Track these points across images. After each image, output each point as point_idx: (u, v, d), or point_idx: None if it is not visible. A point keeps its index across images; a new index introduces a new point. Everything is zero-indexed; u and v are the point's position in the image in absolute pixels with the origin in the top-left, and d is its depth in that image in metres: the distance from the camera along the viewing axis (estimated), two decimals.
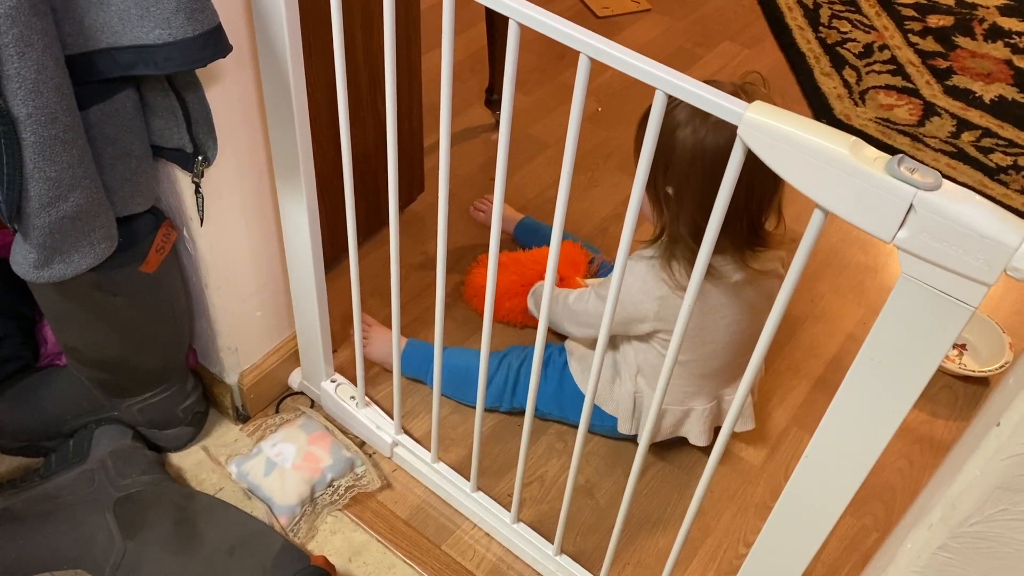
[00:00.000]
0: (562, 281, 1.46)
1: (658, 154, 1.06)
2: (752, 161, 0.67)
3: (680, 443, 1.35)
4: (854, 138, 0.62)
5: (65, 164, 0.87)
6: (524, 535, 1.22)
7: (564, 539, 1.17)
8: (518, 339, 1.49)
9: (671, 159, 1.08)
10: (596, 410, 1.30)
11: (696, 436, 1.30)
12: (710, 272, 1.14)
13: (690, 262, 1.14)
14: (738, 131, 0.66)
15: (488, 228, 1.62)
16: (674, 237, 1.14)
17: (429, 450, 1.28)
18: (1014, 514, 0.59)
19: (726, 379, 1.28)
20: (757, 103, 0.65)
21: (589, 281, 1.46)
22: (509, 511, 1.22)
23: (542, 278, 1.46)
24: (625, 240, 0.83)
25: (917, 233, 0.60)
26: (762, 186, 1.09)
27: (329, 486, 1.27)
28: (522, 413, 1.23)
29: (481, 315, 1.52)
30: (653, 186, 1.12)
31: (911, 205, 0.59)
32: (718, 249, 1.12)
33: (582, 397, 1.05)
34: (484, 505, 1.24)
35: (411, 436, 1.33)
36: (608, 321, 0.91)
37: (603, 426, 1.33)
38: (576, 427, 1.06)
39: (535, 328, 1.41)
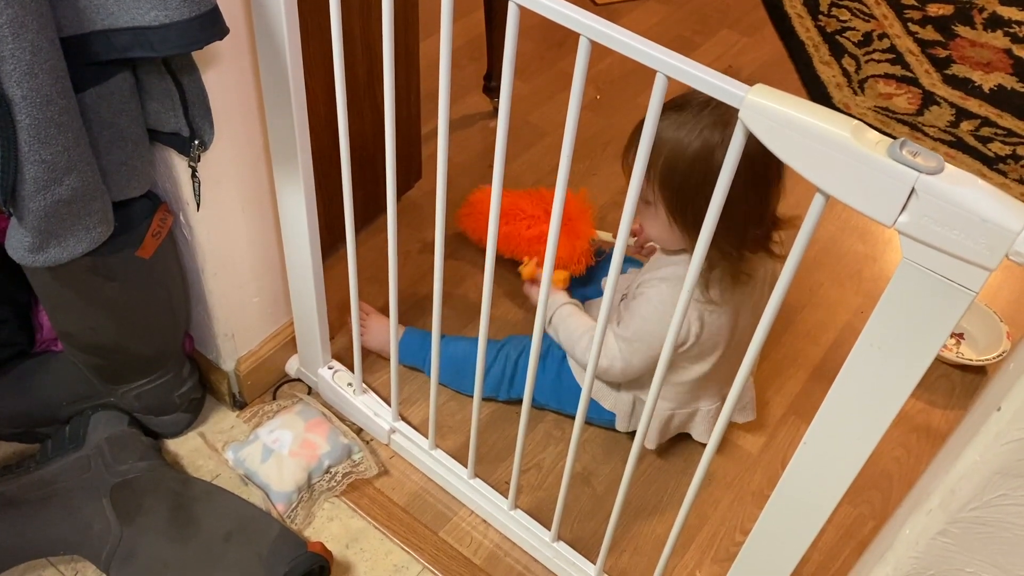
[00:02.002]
0: (569, 222, 1.39)
1: (690, 187, 1.04)
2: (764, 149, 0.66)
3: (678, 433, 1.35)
4: (856, 121, 0.61)
5: (60, 147, 0.87)
6: (521, 522, 1.22)
7: (561, 526, 1.17)
8: (517, 328, 1.49)
9: (710, 185, 1.04)
10: (594, 404, 1.30)
11: (700, 434, 1.30)
12: (746, 276, 1.12)
13: (731, 275, 1.11)
14: (739, 115, 0.65)
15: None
16: (712, 261, 1.09)
17: (427, 437, 1.27)
18: (1013, 499, 0.59)
19: (731, 377, 1.28)
20: (759, 86, 0.65)
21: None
22: (506, 498, 1.22)
23: (544, 202, 1.43)
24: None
25: (918, 217, 0.60)
26: (778, 169, 1.07)
27: (326, 473, 1.27)
28: (520, 403, 1.23)
29: (468, 237, 1.49)
30: (681, 216, 1.08)
31: (913, 189, 0.59)
32: (752, 248, 1.11)
33: (580, 390, 1.05)
34: (481, 492, 1.24)
35: (408, 423, 1.33)
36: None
37: (601, 419, 1.33)
38: (574, 418, 1.05)
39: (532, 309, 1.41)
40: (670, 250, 1.18)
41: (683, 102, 1.07)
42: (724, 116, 1.03)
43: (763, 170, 1.05)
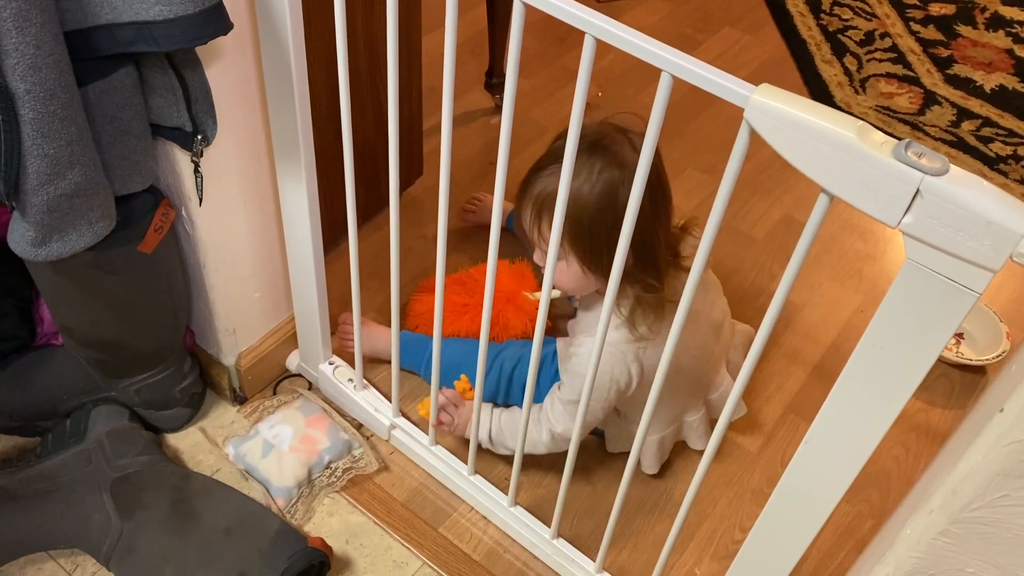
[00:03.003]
0: (508, 302, 1.39)
1: (601, 233, 1.02)
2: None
3: None
4: (861, 122, 0.61)
5: (63, 141, 0.87)
6: (521, 518, 1.22)
7: (561, 523, 1.18)
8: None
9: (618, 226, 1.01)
10: None
11: (695, 441, 1.31)
12: (671, 305, 1.10)
13: (654, 307, 1.09)
14: (744, 114, 0.65)
15: (479, 226, 1.61)
16: (639, 298, 1.09)
17: (427, 433, 1.27)
18: (1015, 500, 0.60)
19: (706, 385, 1.28)
20: (764, 86, 0.65)
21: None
22: (506, 494, 1.22)
23: (475, 283, 1.42)
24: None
25: (923, 218, 0.60)
26: (666, 185, 1.07)
27: (326, 468, 1.27)
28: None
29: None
30: (596, 263, 1.06)
31: (918, 190, 0.59)
32: (667, 272, 1.09)
33: None
34: (481, 488, 1.24)
35: (409, 419, 1.33)
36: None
37: (598, 431, 1.33)
38: None
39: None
40: (585, 297, 1.17)
41: (558, 152, 1.06)
42: (618, 156, 1.03)
43: (660, 192, 1.05)
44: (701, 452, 1.21)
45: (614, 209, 1.01)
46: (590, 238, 1.05)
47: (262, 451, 1.26)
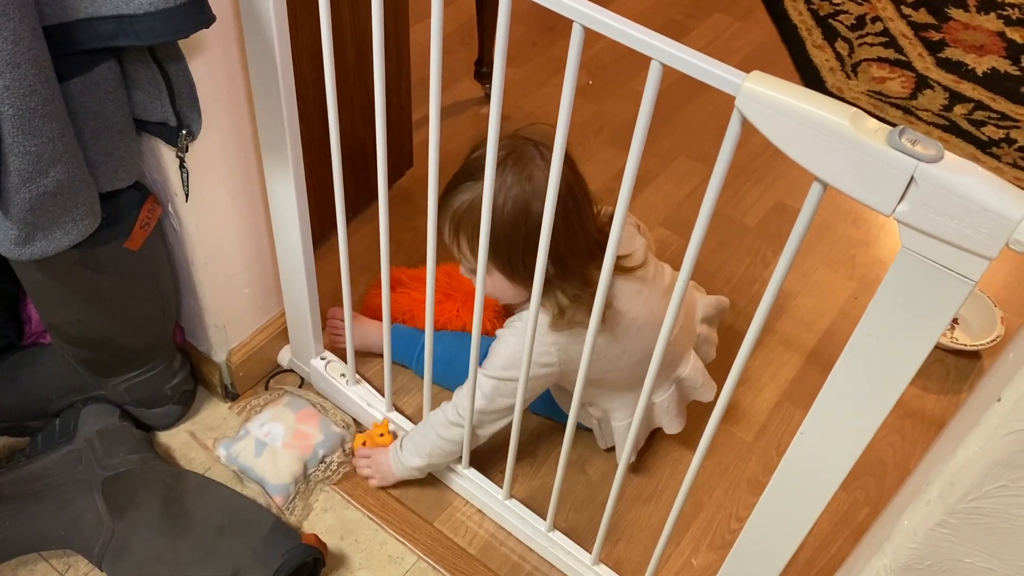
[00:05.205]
0: (470, 299, 1.37)
1: (517, 246, 1.02)
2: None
3: None
4: (855, 109, 0.60)
5: (45, 138, 0.85)
6: (517, 511, 1.21)
7: (556, 515, 1.17)
8: None
9: (536, 236, 0.94)
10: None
11: (668, 425, 1.26)
12: (610, 305, 1.10)
13: (584, 312, 1.07)
14: (736, 102, 0.64)
15: None
16: (562, 307, 1.08)
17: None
18: (1013, 490, 0.59)
19: (674, 361, 1.24)
20: (755, 73, 0.64)
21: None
22: (501, 488, 1.21)
23: (457, 292, 1.41)
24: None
25: (918, 206, 0.59)
26: (585, 191, 1.07)
27: (321, 462, 1.26)
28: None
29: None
30: (519, 274, 1.07)
31: (912, 177, 0.58)
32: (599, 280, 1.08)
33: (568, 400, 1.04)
34: (476, 482, 1.24)
35: (402, 413, 1.32)
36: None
37: (589, 428, 1.32)
38: (565, 422, 1.05)
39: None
40: (519, 303, 1.17)
41: (471, 170, 1.06)
42: (525, 170, 1.03)
43: (573, 202, 1.05)
44: (696, 437, 1.20)
45: (526, 222, 1.02)
46: (507, 251, 1.06)
47: (255, 450, 1.25)
